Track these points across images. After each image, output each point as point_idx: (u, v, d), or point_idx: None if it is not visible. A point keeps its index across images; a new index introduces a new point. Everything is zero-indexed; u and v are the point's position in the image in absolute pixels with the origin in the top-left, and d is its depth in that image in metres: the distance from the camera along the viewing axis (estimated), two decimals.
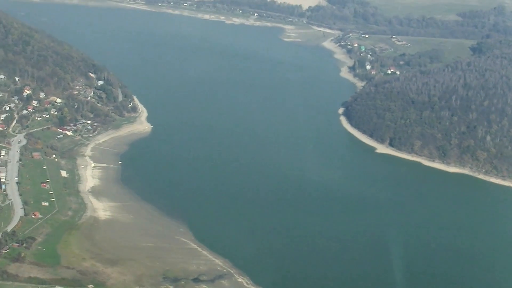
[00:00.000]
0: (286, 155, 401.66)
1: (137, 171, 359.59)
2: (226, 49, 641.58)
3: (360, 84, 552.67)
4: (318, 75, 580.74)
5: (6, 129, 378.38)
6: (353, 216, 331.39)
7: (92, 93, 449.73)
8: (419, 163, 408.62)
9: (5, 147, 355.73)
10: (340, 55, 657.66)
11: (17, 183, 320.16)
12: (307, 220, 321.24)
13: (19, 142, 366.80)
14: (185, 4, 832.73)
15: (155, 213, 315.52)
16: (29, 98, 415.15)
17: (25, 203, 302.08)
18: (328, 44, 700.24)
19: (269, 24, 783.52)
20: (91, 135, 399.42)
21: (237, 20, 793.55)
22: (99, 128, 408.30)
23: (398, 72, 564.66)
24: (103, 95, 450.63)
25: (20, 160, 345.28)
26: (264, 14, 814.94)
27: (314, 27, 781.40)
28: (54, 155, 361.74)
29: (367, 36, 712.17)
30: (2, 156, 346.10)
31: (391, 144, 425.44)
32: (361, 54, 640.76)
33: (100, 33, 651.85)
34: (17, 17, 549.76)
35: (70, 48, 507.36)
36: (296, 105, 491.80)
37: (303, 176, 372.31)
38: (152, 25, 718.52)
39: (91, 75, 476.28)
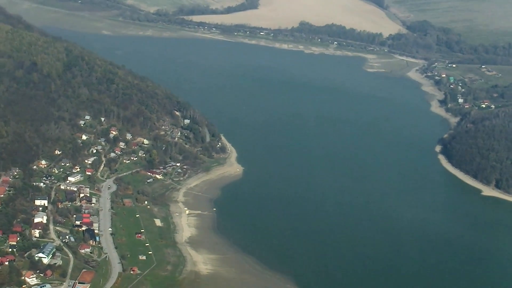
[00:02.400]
0: (386, 197, 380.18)
1: (233, 218, 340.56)
2: (308, 80, 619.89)
3: (453, 119, 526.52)
4: (407, 109, 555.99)
5: (94, 173, 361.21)
6: (461, 265, 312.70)
7: (179, 133, 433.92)
8: None
9: (95, 194, 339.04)
10: (427, 87, 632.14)
11: (111, 234, 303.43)
12: (414, 268, 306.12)
13: (109, 188, 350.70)
14: (261, 33, 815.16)
15: (258, 266, 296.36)
16: (115, 140, 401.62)
17: (122, 257, 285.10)
18: (413, 75, 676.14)
19: (350, 54, 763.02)
20: (181, 178, 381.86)
21: (316, 50, 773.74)
22: (189, 171, 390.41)
23: (493, 106, 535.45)
24: (191, 135, 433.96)
25: (111, 208, 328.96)
26: (344, 43, 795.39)
27: (396, 56, 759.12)
28: (145, 202, 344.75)
29: (454, 65, 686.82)
30: (93, 204, 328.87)
31: (497, 186, 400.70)
32: (451, 86, 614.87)
33: (176, 65, 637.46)
34: (93, 51, 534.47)
35: (153, 84, 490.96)
36: (388, 142, 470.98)
37: (409, 220, 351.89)
38: (228, 56, 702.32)
39: (176, 113, 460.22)
